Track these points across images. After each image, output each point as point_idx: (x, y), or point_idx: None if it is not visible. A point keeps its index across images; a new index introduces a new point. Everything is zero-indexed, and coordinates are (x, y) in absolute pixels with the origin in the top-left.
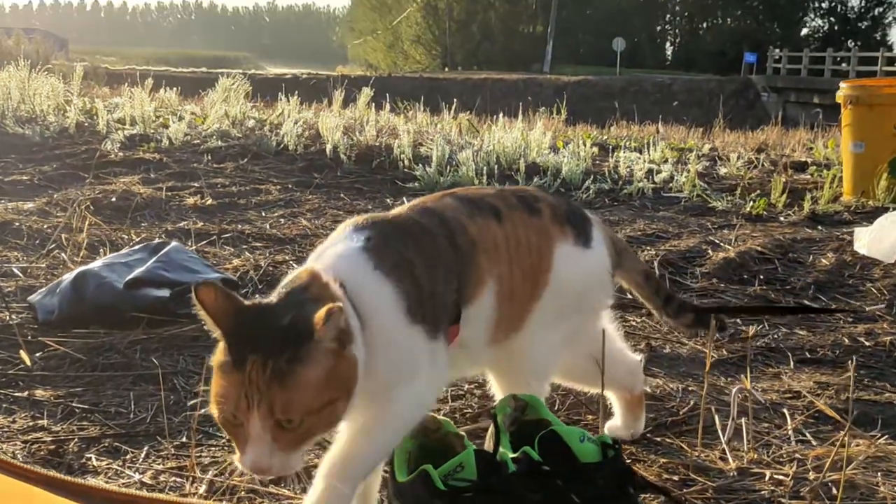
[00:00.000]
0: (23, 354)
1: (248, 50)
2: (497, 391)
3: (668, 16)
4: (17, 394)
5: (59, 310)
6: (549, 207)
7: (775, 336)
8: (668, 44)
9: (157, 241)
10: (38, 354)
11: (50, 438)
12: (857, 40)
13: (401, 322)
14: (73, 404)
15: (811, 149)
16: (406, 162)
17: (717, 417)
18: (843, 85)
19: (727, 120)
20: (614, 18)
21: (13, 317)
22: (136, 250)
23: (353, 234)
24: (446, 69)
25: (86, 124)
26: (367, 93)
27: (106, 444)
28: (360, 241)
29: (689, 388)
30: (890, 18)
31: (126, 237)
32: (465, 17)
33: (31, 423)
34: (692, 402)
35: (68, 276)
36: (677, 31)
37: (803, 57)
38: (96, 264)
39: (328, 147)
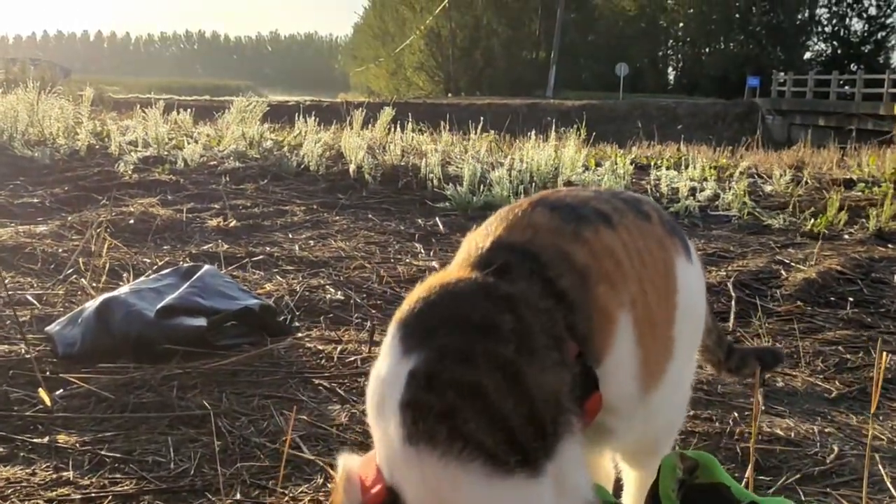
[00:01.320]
0: (42, 393)
1: (251, 79)
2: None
3: (671, 41)
4: (36, 440)
5: (82, 342)
6: (655, 212)
7: (890, 365)
8: (670, 68)
9: (187, 264)
10: (58, 393)
11: (79, 496)
12: (860, 64)
13: (473, 482)
14: (103, 452)
15: (849, 167)
16: (435, 181)
17: (882, 469)
18: None
19: (734, 143)
20: (617, 44)
21: (30, 350)
22: (165, 275)
23: (398, 363)
24: (449, 95)
25: (97, 147)
26: (388, 112)
27: (145, 503)
28: (399, 388)
29: (826, 431)
30: (893, 42)
31: (148, 261)
32: (468, 44)
33: (54, 476)
34: (836, 448)
35: (91, 304)
36: (680, 55)
37: (808, 80)
38: (123, 290)
39: (352, 167)
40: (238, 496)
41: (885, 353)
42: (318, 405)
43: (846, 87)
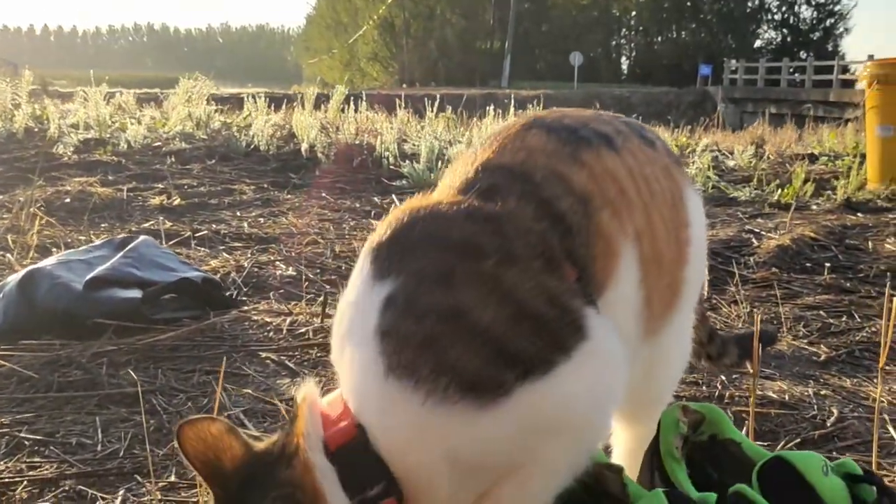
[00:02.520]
0: None
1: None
2: None
3: (624, 30)
4: None
5: (4, 317)
6: (659, 140)
7: (874, 329)
8: (624, 57)
9: (122, 235)
10: None
11: None
12: (809, 51)
13: (465, 420)
14: (22, 434)
15: (808, 143)
16: (391, 159)
17: (892, 430)
18: (867, 63)
19: (688, 129)
20: (570, 34)
21: None
22: (97, 246)
23: (371, 288)
24: (404, 86)
25: (36, 129)
26: (341, 91)
27: (66, 488)
28: (375, 317)
29: (822, 393)
30: (841, 29)
31: (84, 238)
32: (422, 34)
33: None
34: (835, 411)
35: (14, 278)
36: (633, 45)
37: (759, 68)
38: (49, 262)
39: (304, 146)
40: (172, 478)
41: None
42: (265, 379)
43: (796, 75)
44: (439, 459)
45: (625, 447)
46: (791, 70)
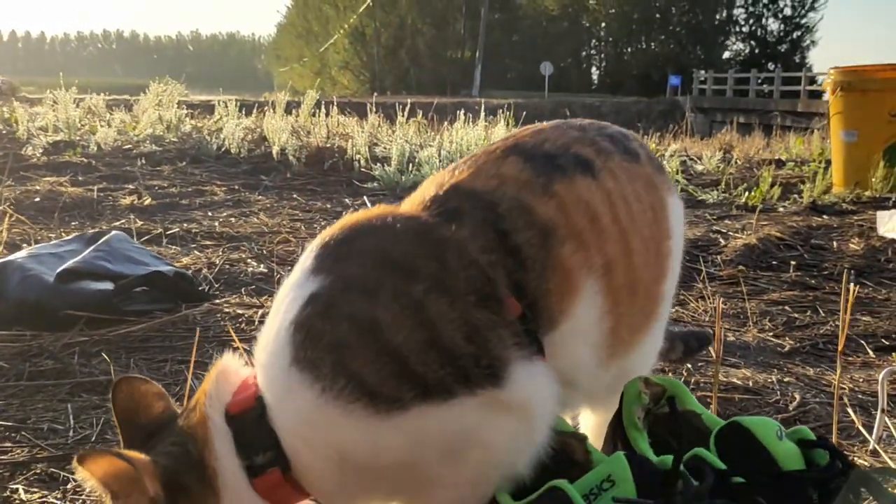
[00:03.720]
0: None
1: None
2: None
3: (594, 41)
4: None
5: None
6: (642, 149)
7: (838, 323)
8: (594, 67)
9: (93, 230)
10: None
11: None
12: (777, 62)
13: (355, 423)
14: None
15: (776, 150)
16: (363, 162)
17: (852, 413)
18: (831, 71)
19: (657, 136)
20: (541, 43)
21: None
22: (68, 241)
23: (304, 281)
24: (375, 94)
25: (4, 132)
26: (312, 95)
27: (38, 471)
28: (296, 309)
29: (785, 381)
30: (808, 41)
31: (54, 236)
32: (393, 43)
33: None
34: (797, 396)
35: None
36: (603, 55)
37: (728, 78)
38: (20, 254)
39: (275, 149)
40: None
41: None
42: None
43: (764, 86)
44: (326, 451)
45: (591, 424)
46: (759, 81)
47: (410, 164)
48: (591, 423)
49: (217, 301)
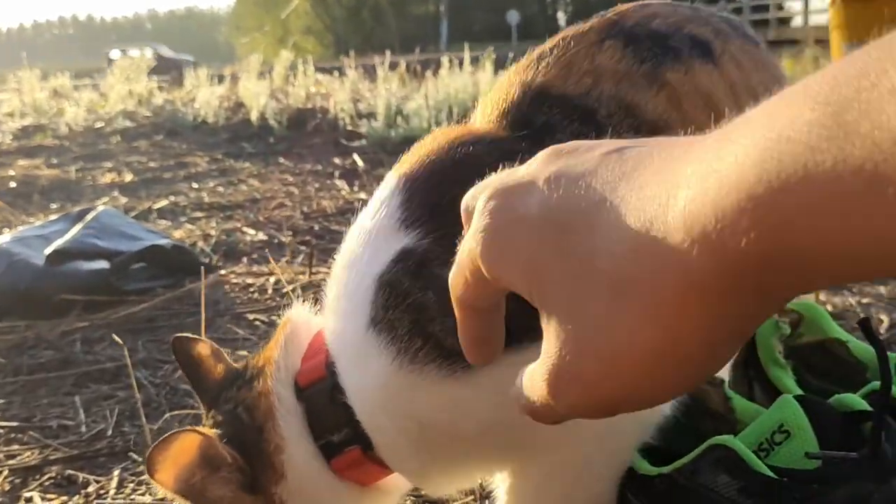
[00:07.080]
0: None
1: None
2: None
3: None
4: None
5: None
6: (759, 38)
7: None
8: (560, 12)
9: (79, 208)
10: None
11: None
12: None
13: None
14: None
15: None
16: (347, 120)
17: None
18: None
19: None
20: None
21: None
22: (53, 221)
23: (395, 230)
24: (341, 57)
25: None
26: (285, 55)
27: (53, 475)
28: (384, 263)
29: (863, 302)
30: None
31: (34, 219)
32: (355, 3)
33: None
34: (885, 318)
35: None
36: None
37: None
38: (3, 239)
39: (254, 115)
40: None
41: None
42: (258, 341)
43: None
44: (405, 423)
45: None
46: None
47: (398, 117)
48: None
49: (222, 273)
